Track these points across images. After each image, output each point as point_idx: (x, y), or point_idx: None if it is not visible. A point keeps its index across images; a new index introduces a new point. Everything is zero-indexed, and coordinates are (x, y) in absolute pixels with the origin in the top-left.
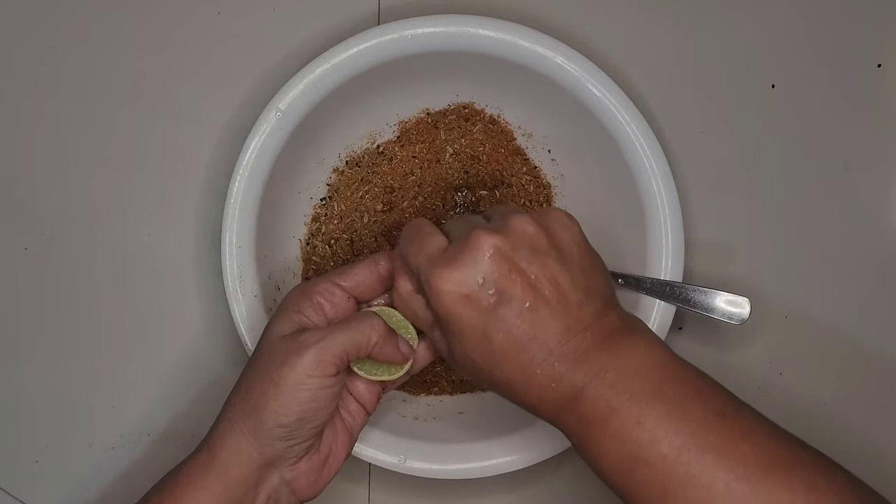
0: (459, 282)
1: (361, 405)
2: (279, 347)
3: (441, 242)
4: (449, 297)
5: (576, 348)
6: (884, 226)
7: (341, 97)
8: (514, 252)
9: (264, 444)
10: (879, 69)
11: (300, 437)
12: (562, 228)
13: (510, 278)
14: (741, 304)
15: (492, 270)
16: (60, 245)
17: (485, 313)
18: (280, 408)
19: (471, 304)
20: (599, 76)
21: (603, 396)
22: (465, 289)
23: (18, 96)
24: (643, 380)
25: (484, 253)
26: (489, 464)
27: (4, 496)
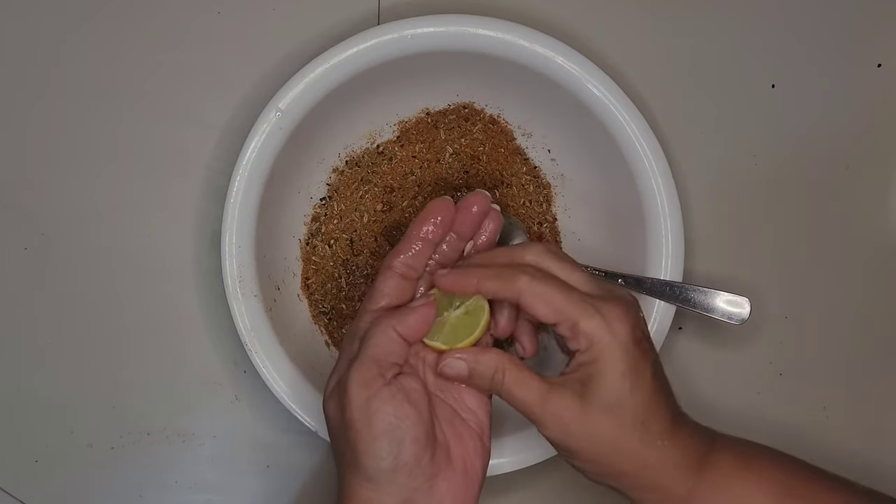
0: (636, 323)
1: (478, 395)
2: (334, 405)
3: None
4: (630, 330)
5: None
6: (884, 226)
7: (341, 97)
8: (643, 325)
9: (384, 485)
10: (879, 69)
11: (410, 459)
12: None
13: (645, 347)
14: (741, 304)
15: (645, 326)
16: (60, 245)
17: (651, 359)
18: (368, 443)
19: (644, 347)
20: (599, 76)
21: (740, 455)
22: (640, 331)
23: (19, 96)
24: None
25: (638, 308)
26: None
27: (4, 496)
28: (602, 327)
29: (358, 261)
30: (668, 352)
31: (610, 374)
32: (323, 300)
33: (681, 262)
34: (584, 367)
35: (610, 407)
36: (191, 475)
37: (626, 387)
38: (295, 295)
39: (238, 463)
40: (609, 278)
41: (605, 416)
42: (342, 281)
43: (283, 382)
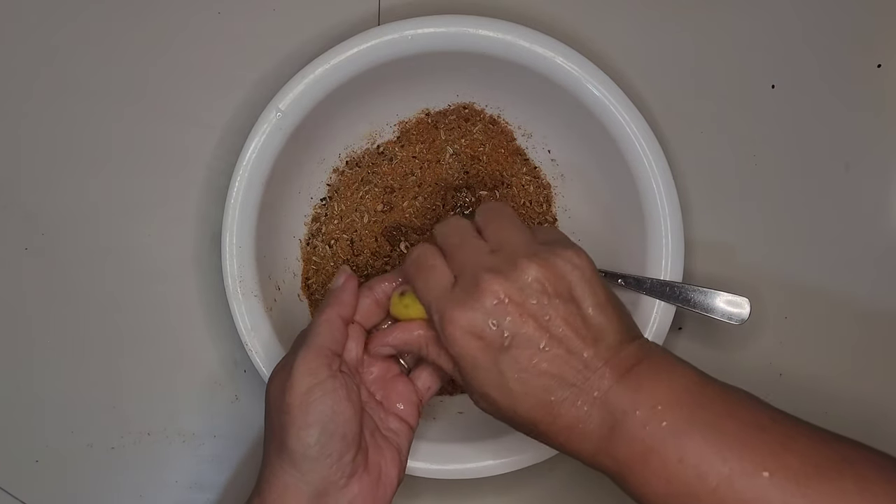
0: (471, 324)
1: (402, 420)
2: (276, 385)
3: (448, 279)
4: (462, 338)
5: (598, 386)
6: (884, 226)
7: (341, 97)
8: (524, 297)
9: (305, 471)
10: (879, 69)
11: (334, 452)
12: (570, 268)
13: (522, 321)
14: (741, 304)
15: (503, 314)
16: (61, 245)
17: (498, 353)
18: (300, 430)
19: (484, 345)
20: (599, 76)
21: (637, 437)
22: (477, 330)
23: (20, 96)
24: (673, 411)
25: (494, 298)
26: (488, 464)
27: (4, 496)
28: (440, 327)
29: (358, 261)
30: None
31: (461, 370)
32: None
33: (681, 262)
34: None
35: (480, 397)
36: (191, 475)
37: (478, 381)
38: (295, 295)
39: (238, 463)
40: (609, 278)
41: (483, 405)
42: None
43: None
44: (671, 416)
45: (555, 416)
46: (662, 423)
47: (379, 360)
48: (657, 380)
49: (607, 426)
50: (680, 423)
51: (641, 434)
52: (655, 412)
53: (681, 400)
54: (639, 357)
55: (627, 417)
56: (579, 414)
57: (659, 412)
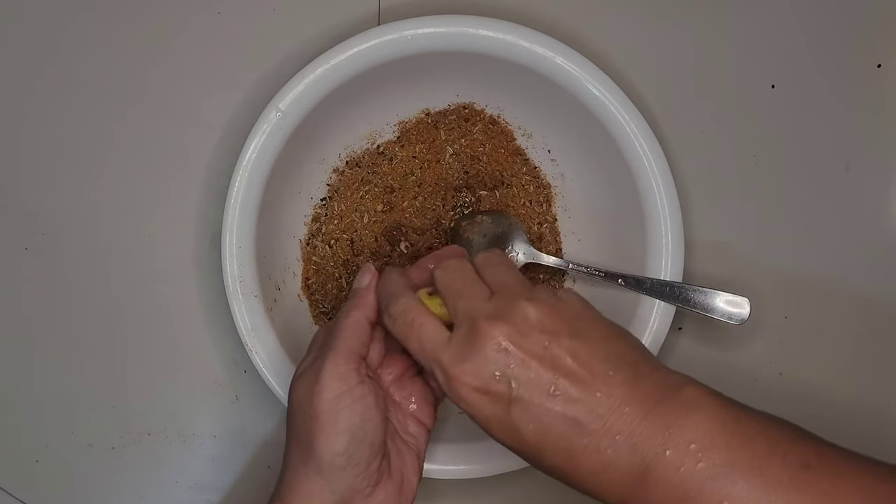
0: (476, 377)
1: (420, 422)
2: (303, 388)
3: (441, 334)
4: (469, 395)
5: (619, 428)
6: (884, 226)
7: (341, 97)
8: (524, 339)
9: (332, 480)
10: (879, 69)
11: (362, 461)
12: (569, 305)
13: (527, 365)
14: (741, 304)
15: (507, 361)
16: (61, 245)
17: (508, 405)
18: (329, 437)
19: (492, 399)
20: (599, 76)
21: (672, 481)
22: (482, 385)
23: (20, 96)
24: (710, 452)
25: (495, 344)
26: (488, 464)
27: (4, 496)
28: (443, 378)
29: (358, 261)
30: (669, 352)
31: (475, 420)
32: (323, 300)
33: (681, 262)
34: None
35: (507, 447)
36: (191, 475)
37: (489, 430)
38: (295, 295)
39: (238, 463)
40: (609, 278)
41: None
42: (343, 281)
43: (284, 383)
44: (708, 458)
45: (577, 463)
46: (699, 465)
47: (398, 360)
48: (688, 416)
49: (637, 471)
50: (718, 464)
51: (676, 478)
52: (689, 452)
53: (716, 440)
54: (663, 390)
55: (658, 460)
56: (603, 459)
57: (693, 452)
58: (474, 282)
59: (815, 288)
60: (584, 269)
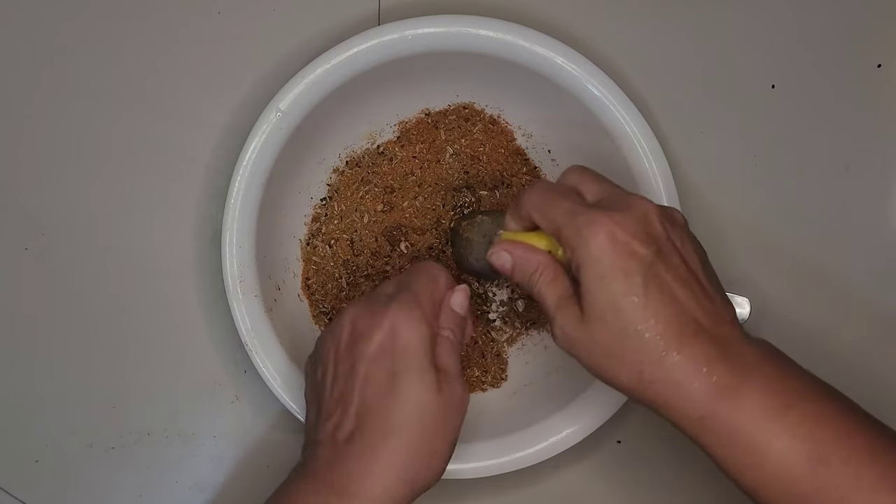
0: (623, 226)
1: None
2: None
3: (582, 203)
4: (609, 238)
5: (727, 335)
6: (884, 226)
7: (341, 97)
8: (671, 225)
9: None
10: (879, 69)
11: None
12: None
13: (668, 245)
14: (741, 304)
15: (656, 230)
16: (61, 245)
17: (643, 263)
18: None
19: (629, 250)
20: (599, 76)
21: (771, 390)
22: (627, 235)
23: (20, 97)
24: (805, 379)
25: (649, 213)
26: (488, 464)
27: (4, 496)
28: (576, 233)
29: (358, 261)
30: None
31: (591, 280)
32: (323, 300)
33: None
34: (579, 280)
35: (601, 315)
36: (191, 475)
37: (609, 291)
38: (295, 295)
39: (238, 463)
40: None
41: (598, 326)
42: (343, 281)
43: (284, 382)
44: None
45: (683, 343)
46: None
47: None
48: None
49: (737, 378)
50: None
51: (778, 388)
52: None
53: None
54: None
55: (758, 372)
56: (709, 353)
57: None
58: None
59: (815, 288)
60: None
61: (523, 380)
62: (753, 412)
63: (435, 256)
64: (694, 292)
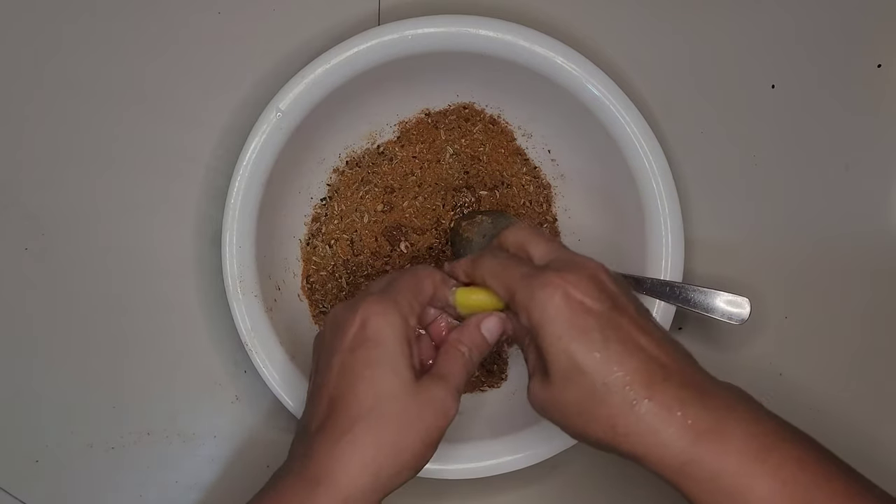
0: (575, 285)
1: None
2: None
3: (531, 266)
4: (564, 297)
5: (694, 379)
6: (884, 226)
7: (341, 97)
8: (617, 283)
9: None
10: (879, 69)
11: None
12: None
13: (620, 299)
14: (741, 304)
15: (608, 287)
16: (61, 245)
17: (600, 318)
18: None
19: (586, 307)
20: (599, 76)
21: (749, 433)
22: (580, 293)
23: (20, 97)
24: (778, 422)
25: (598, 272)
26: (489, 464)
27: (4, 496)
28: (530, 296)
29: (358, 261)
30: None
31: (550, 342)
32: (324, 300)
33: (681, 262)
34: (537, 344)
35: (564, 375)
36: (191, 475)
37: (570, 350)
38: (295, 295)
39: (238, 463)
40: None
41: (563, 386)
42: (343, 281)
43: (284, 383)
44: (779, 425)
45: (653, 391)
46: (773, 425)
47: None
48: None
49: (711, 419)
50: (788, 432)
51: (755, 430)
52: (761, 419)
53: (770, 421)
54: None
55: (732, 414)
56: (680, 397)
57: (763, 420)
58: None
59: (815, 288)
60: None
61: (523, 380)
62: (734, 456)
63: (435, 256)
64: (655, 338)
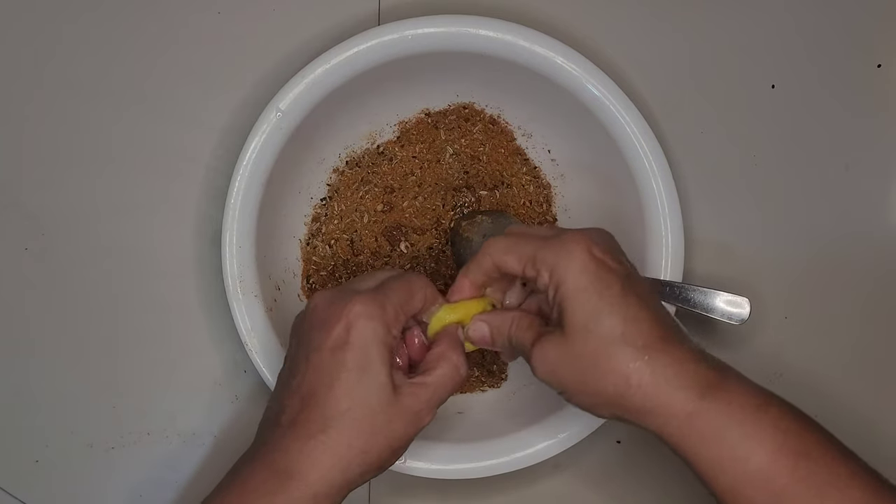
0: (598, 244)
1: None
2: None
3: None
4: (587, 252)
5: (695, 345)
6: (884, 226)
7: (341, 97)
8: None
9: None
10: (879, 69)
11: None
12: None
13: (633, 269)
14: (741, 304)
15: (621, 256)
16: (61, 245)
17: (620, 275)
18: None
19: (608, 265)
20: (599, 76)
21: (752, 388)
22: (602, 252)
23: (21, 97)
24: (762, 388)
25: (612, 238)
26: (488, 464)
27: (4, 496)
28: (555, 252)
29: (358, 261)
30: None
31: (572, 294)
32: None
33: (681, 262)
34: (556, 300)
35: (584, 326)
36: (190, 475)
37: (591, 301)
38: (295, 295)
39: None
40: None
41: (581, 338)
42: (342, 281)
43: None
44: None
45: (668, 344)
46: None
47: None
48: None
49: (718, 372)
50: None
51: (757, 388)
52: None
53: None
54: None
55: (733, 372)
56: (693, 350)
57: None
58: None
59: (815, 288)
60: None
61: (523, 380)
62: (739, 407)
63: (435, 256)
64: (661, 305)
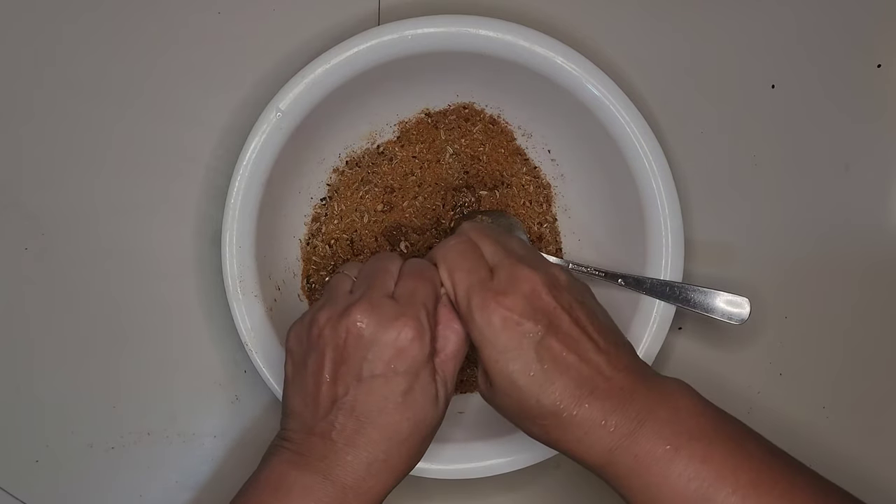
0: (512, 308)
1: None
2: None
3: (486, 273)
4: (501, 321)
5: (622, 386)
6: (884, 226)
7: (341, 97)
8: (556, 291)
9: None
10: (879, 69)
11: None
12: (576, 280)
13: (556, 313)
14: (741, 304)
15: (544, 303)
16: (61, 245)
17: (534, 340)
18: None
19: (521, 331)
20: (599, 76)
21: (661, 435)
22: (517, 315)
23: (21, 97)
24: (698, 420)
25: (535, 287)
26: (489, 464)
27: (4, 496)
28: (471, 318)
29: (358, 261)
30: (668, 352)
31: (488, 360)
32: None
33: (681, 262)
34: (478, 354)
35: (503, 389)
36: (191, 475)
37: (507, 370)
38: (296, 295)
39: (238, 463)
40: (609, 278)
41: (503, 397)
42: None
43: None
44: (695, 424)
45: (581, 407)
46: (688, 428)
47: None
48: (677, 392)
49: (631, 425)
50: (706, 430)
51: (666, 433)
52: (680, 418)
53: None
54: (652, 371)
55: (652, 417)
56: (605, 409)
57: (683, 419)
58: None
59: (815, 288)
60: (584, 269)
61: None
62: (646, 457)
63: None
64: (587, 352)
